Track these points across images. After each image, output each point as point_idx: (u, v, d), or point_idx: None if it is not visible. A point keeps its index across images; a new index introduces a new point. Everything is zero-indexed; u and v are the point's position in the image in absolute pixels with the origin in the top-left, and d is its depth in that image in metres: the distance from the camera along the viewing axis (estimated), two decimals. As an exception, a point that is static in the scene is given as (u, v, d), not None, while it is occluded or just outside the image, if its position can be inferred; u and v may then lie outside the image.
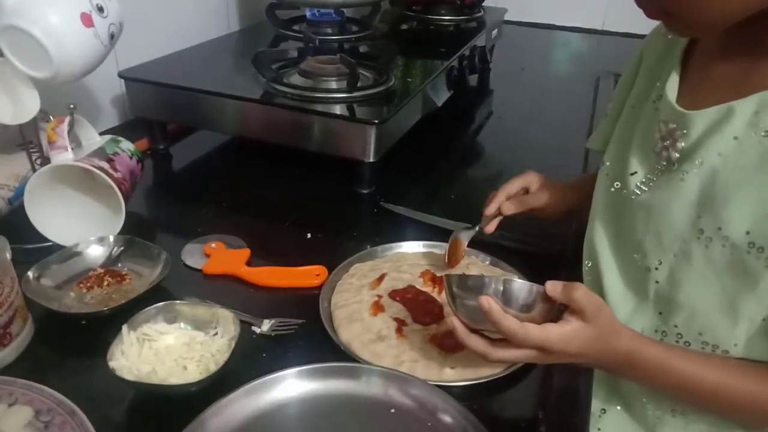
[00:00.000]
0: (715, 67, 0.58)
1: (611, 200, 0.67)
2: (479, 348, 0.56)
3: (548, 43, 1.93)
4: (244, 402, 0.54)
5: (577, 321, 0.53)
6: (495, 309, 0.52)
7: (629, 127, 0.66)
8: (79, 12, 0.72)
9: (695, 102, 0.57)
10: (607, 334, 0.54)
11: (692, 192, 0.56)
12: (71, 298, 0.70)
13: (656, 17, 0.53)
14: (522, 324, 0.52)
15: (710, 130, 0.55)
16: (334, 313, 0.69)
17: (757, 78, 0.53)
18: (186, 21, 1.25)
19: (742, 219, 0.53)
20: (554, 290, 0.53)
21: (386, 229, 0.88)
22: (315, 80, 1.02)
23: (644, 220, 0.61)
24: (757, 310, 0.54)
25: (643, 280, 0.62)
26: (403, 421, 0.55)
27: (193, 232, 0.84)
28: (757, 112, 0.52)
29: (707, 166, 0.55)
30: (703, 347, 0.59)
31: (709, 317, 0.58)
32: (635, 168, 0.63)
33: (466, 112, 1.37)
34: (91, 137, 0.85)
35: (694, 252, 0.57)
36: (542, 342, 0.53)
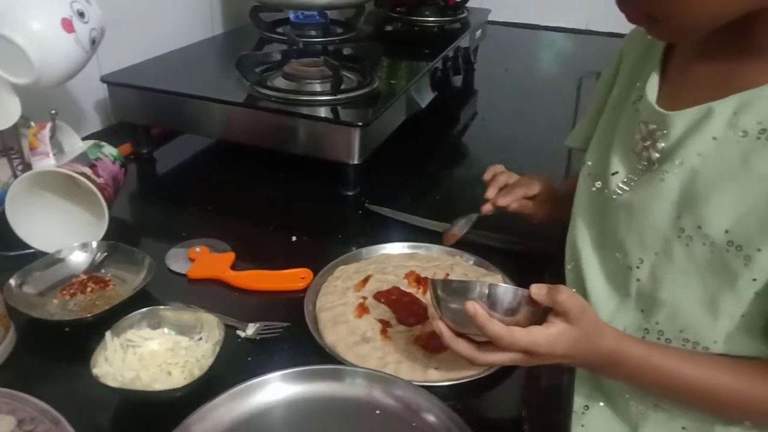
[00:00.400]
0: (695, 68, 0.58)
1: (593, 200, 0.68)
2: (466, 352, 0.56)
3: (532, 43, 1.94)
4: (229, 406, 0.54)
5: (561, 323, 0.54)
6: (480, 314, 0.53)
7: (610, 128, 0.67)
8: (59, 18, 0.72)
9: (675, 103, 0.58)
10: (590, 334, 0.55)
11: (672, 192, 0.57)
12: (54, 305, 0.69)
13: (638, 22, 0.54)
14: (508, 328, 0.53)
15: (690, 130, 0.56)
16: (319, 316, 0.69)
17: (736, 79, 0.54)
18: (169, 24, 1.24)
19: (721, 218, 0.54)
20: (539, 293, 0.54)
21: (371, 230, 0.89)
22: (299, 83, 1.02)
23: (626, 220, 0.62)
24: (737, 306, 0.55)
25: (625, 279, 0.63)
26: (388, 422, 0.56)
27: (177, 236, 0.83)
28: (735, 113, 0.53)
29: (687, 166, 0.56)
30: (684, 344, 0.59)
31: (690, 314, 0.58)
32: (616, 168, 0.64)
33: (450, 113, 1.38)
34: (73, 143, 0.84)
35: (675, 250, 0.57)
36: (528, 345, 0.53)
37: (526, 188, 0.80)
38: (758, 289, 0.53)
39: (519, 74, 1.66)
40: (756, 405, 0.57)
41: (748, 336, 0.57)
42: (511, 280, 0.75)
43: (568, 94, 1.42)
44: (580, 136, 0.78)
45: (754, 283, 0.53)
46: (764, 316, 0.55)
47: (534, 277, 0.77)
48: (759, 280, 0.53)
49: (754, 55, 0.53)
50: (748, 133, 0.52)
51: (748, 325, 0.56)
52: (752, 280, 0.53)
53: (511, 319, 0.54)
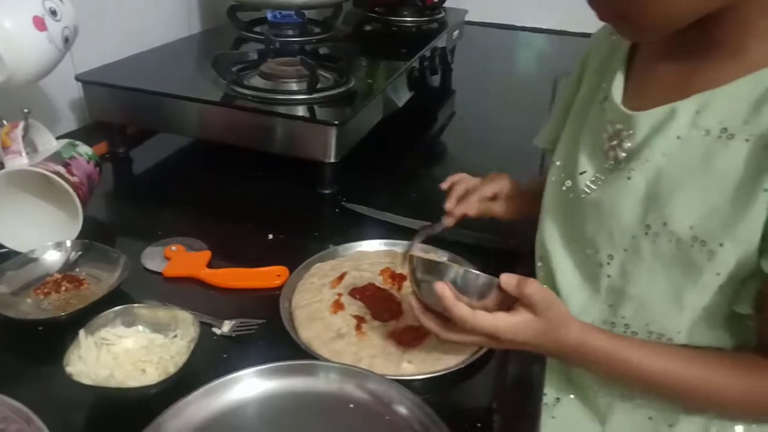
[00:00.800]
0: (658, 68, 0.60)
1: (562, 198, 0.69)
2: (432, 327, 0.59)
3: (508, 43, 1.96)
4: (203, 402, 0.55)
5: (527, 313, 0.55)
6: (448, 296, 0.55)
7: (578, 127, 0.68)
8: (31, 15, 0.71)
9: (640, 103, 0.59)
10: (556, 326, 0.56)
11: (639, 190, 0.58)
12: (28, 304, 0.69)
13: (608, 20, 0.55)
14: (473, 312, 0.55)
15: (655, 130, 0.57)
16: (295, 313, 0.70)
17: (698, 78, 0.55)
18: (145, 23, 1.24)
19: (685, 215, 0.55)
20: (508, 283, 0.56)
21: (348, 228, 0.89)
22: (275, 82, 1.03)
23: (594, 218, 0.63)
24: (700, 299, 0.57)
25: (596, 275, 0.64)
26: (361, 415, 0.56)
27: (153, 235, 0.83)
28: (698, 112, 0.54)
29: (653, 165, 0.57)
30: (649, 336, 0.61)
31: (656, 308, 0.60)
32: (584, 167, 0.65)
33: (428, 113, 1.39)
34: (47, 142, 0.84)
35: (642, 247, 0.59)
36: (491, 330, 0.55)
37: (480, 192, 0.81)
38: (721, 282, 0.55)
39: (496, 74, 1.68)
40: (721, 394, 0.58)
41: (710, 327, 0.59)
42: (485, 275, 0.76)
43: (543, 94, 1.43)
44: (548, 136, 0.79)
45: (718, 277, 0.55)
46: (726, 307, 0.57)
47: (506, 271, 0.79)
48: (722, 273, 0.54)
49: (714, 55, 0.55)
50: (710, 132, 0.54)
51: (710, 317, 0.58)
52: (716, 274, 0.55)
53: (479, 303, 0.56)
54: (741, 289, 0.56)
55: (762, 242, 0.52)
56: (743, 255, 0.53)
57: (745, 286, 0.56)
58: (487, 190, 0.82)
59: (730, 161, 0.53)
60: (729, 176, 0.53)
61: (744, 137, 0.52)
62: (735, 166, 0.52)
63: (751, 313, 0.56)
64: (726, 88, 0.53)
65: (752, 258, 0.53)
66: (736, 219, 0.52)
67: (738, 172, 0.52)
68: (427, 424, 0.54)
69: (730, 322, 0.59)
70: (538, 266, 0.72)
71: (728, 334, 0.60)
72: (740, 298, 0.56)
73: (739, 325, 0.59)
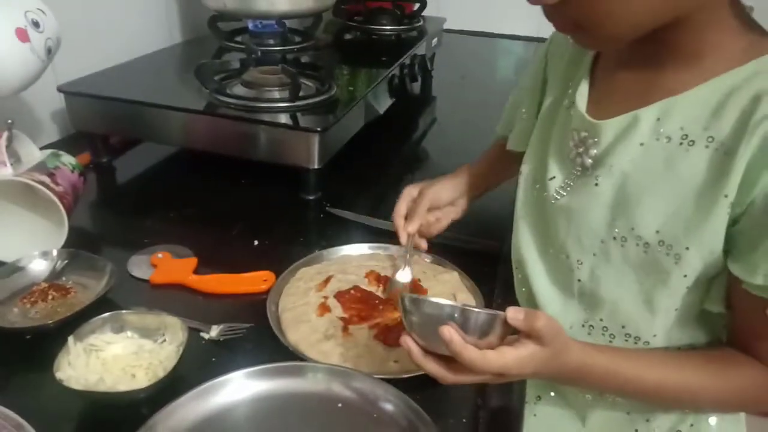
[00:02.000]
0: (620, 76, 0.61)
1: (533, 202, 0.70)
2: (436, 372, 0.55)
3: (487, 50, 2.00)
4: (193, 405, 0.56)
5: (532, 345, 0.52)
6: (456, 340, 0.51)
7: (545, 133, 0.69)
8: (13, 27, 0.72)
9: (604, 110, 0.61)
10: (558, 352, 0.54)
11: (606, 196, 0.60)
12: (15, 313, 0.69)
13: (566, 31, 0.56)
14: (482, 354, 0.51)
15: (619, 137, 0.58)
16: (282, 316, 0.71)
17: (658, 86, 0.57)
18: (126, 34, 1.24)
19: (652, 219, 0.57)
20: (515, 318, 0.52)
21: (332, 233, 0.91)
22: (258, 90, 1.04)
23: (565, 223, 0.64)
24: (671, 302, 0.59)
25: (568, 279, 0.65)
26: (349, 414, 0.58)
27: (139, 243, 0.84)
28: (659, 119, 0.56)
29: (618, 171, 0.59)
30: (627, 339, 0.63)
31: (630, 311, 0.62)
32: (554, 173, 0.66)
33: (410, 119, 1.41)
34: (30, 152, 0.84)
35: (611, 251, 0.60)
36: (500, 368, 0.52)
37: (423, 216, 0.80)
38: (689, 284, 0.57)
39: (475, 81, 1.71)
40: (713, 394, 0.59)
41: (684, 327, 0.61)
42: (467, 276, 0.78)
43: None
44: (520, 139, 0.78)
45: (685, 279, 0.57)
46: (697, 307, 0.59)
47: (487, 272, 0.81)
48: (689, 276, 0.56)
49: (672, 63, 0.56)
50: (671, 138, 0.55)
51: (682, 318, 0.60)
52: (683, 277, 0.56)
53: (484, 342, 0.52)
54: (710, 289, 0.58)
55: (726, 244, 0.54)
56: (708, 258, 0.55)
57: (713, 285, 0.58)
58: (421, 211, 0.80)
59: (691, 167, 0.54)
60: (691, 181, 0.54)
61: (704, 143, 0.53)
62: (696, 172, 0.54)
63: (722, 311, 0.58)
64: (685, 96, 0.55)
65: (718, 260, 0.54)
66: (700, 223, 0.54)
67: (700, 177, 0.54)
68: (414, 421, 0.56)
69: (702, 320, 0.61)
70: (515, 270, 0.74)
71: (701, 331, 0.62)
72: (710, 297, 0.58)
73: (711, 322, 0.61)
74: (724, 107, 0.53)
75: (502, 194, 0.88)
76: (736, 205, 0.51)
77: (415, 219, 0.79)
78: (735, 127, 0.52)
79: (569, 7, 0.51)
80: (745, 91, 0.52)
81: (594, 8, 0.50)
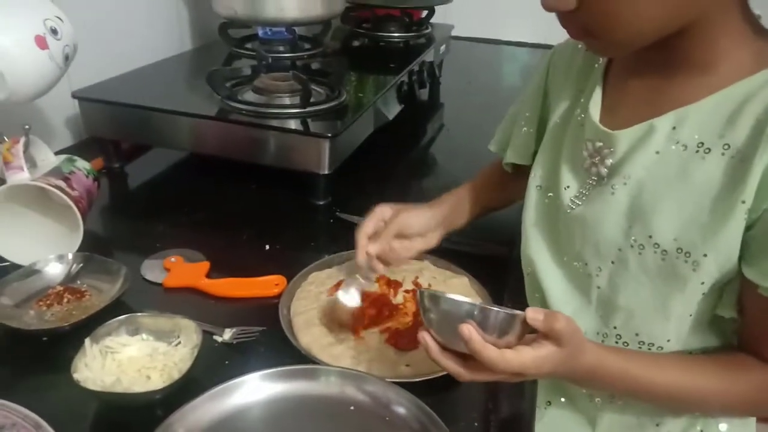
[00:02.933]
0: (632, 85, 0.62)
1: (545, 211, 0.71)
2: (453, 369, 0.55)
3: (494, 57, 2.00)
4: (210, 406, 0.57)
5: (551, 345, 0.53)
6: (476, 339, 0.51)
7: (557, 142, 0.70)
8: (33, 35, 0.73)
9: (617, 119, 0.61)
10: (575, 353, 0.54)
11: (622, 204, 0.60)
12: (31, 316, 0.70)
13: (578, 37, 0.57)
14: (501, 353, 0.51)
15: (634, 146, 0.59)
16: (294, 320, 0.72)
17: (671, 94, 0.58)
18: (138, 41, 1.26)
19: (669, 226, 0.57)
20: (535, 318, 0.52)
21: (342, 238, 0.91)
22: (269, 97, 1.05)
23: (581, 232, 0.65)
24: (686, 308, 0.59)
25: (586, 286, 0.66)
26: (361, 417, 0.58)
27: (151, 247, 0.85)
28: (674, 128, 0.57)
29: (634, 180, 0.59)
30: (640, 346, 0.63)
31: (645, 318, 0.62)
32: (568, 183, 0.66)
33: (418, 125, 1.42)
34: (46, 157, 0.86)
35: (629, 259, 0.61)
36: (519, 368, 0.52)
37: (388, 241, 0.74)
38: (705, 290, 0.57)
39: (482, 87, 1.72)
40: (725, 398, 0.60)
41: (696, 333, 0.61)
42: (477, 281, 0.79)
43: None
44: (524, 152, 0.78)
45: (702, 286, 0.57)
46: (710, 313, 0.60)
47: (498, 278, 0.81)
48: (706, 282, 0.57)
49: (684, 71, 0.57)
50: (687, 146, 0.56)
51: (696, 323, 0.61)
52: (700, 283, 0.57)
53: (503, 341, 0.53)
54: (723, 294, 0.58)
55: (742, 250, 0.54)
56: (725, 264, 0.55)
57: (726, 290, 0.58)
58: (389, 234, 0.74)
59: (707, 174, 0.55)
60: (707, 189, 0.55)
61: (720, 151, 0.54)
62: (713, 179, 0.55)
63: (734, 316, 0.59)
64: (700, 104, 0.55)
65: (733, 266, 0.55)
66: (717, 230, 0.54)
67: (716, 184, 0.54)
68: (426, 424, 0.56)
69: (714, 325, 0.61)
70: (526, 277, 0.74)
71: (713, 336, 0.62)
72: (723, 302, 0.59)
73: (722, 327, 0.62)
74: (738, 115, 0.54)
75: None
76: (753, 210, 0.52)
77: (379, 242, 0.73)
78: (750, 135, 0.53)
79: (582, 13, 0.52)
80: (759, 98, 0.53)
81: (606, 15, 0.51)
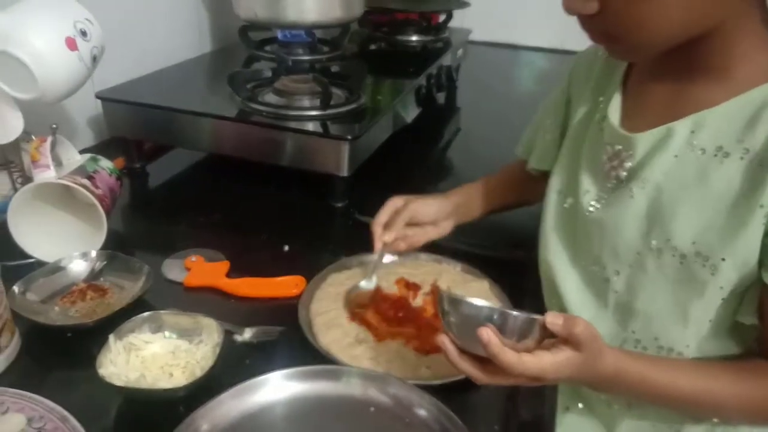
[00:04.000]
0: (652, 90, 0.62)
1: (564, 215, 0.71)
2: (471, 372, 0.55)
3: (511, 62, 2.00)
4: (232, 403, 0.57)
5: (570, 350, 0.52)
6: (494, 343, 0.51)
7: (577, 147, 0.70)
8: (64, 36, 0.75)
9: (636, 123, 0.62)
10: (594, 358, 0.54)
11: (641, 207, 0.61)
12: (56, 312, 0.71)
13: (599, 41, 0.57)
14: (519, 357, 0.51)
15: (653, 149, 0.59)
16: (314, 320, 0.72)
17: (690, 98, 0.58)
18: (160, 43, 1.27)
19: (687, 231, 0.57)
20: (554, 324, 0.52)
21: (360, 240, 0.91)
22: (289, 99, 1.06)
23: (599, 236, 0.65)
24: (705, 313, 0.59)
25: (603, 290, 0.66)
26: (382, 418, 0.59)
27: (172, 247, 0.86)
28: (693, 132, 0.57)
29: (653, 183, 0.60)
30: (659, 351, 0.63)
31: (664, 322, 0.62)
32: (587, 187, 0.67)
33: (434, 129, 1.42)
34: (71, 156, 0.87)
35: (647, 263, 0.61)
36: (537, 372, 0.52)
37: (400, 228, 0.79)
38: (725, 295, 0.57)
39: (498, 92, 1.72)
40: (746, 405, 0.59)
41: (716, 338, 0.61)
42: (496, 285, 0.79)
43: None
44: (545, 158, 0.79)
45: (721, 291, 0.57)
46: (730, 318, 0.59)
47: (517, 282, 0.81)
48: (725, 287, 0.57)
49: (703, 76, 0.57)
50: (706, 150, 0.56)
51: (716, 329, 0.60)
52: (719, 288, 0.57)
53: (521, 345, 0.53)
54: (743, 300, 0.58)
55: (761, 254, 0.54)
56: (744, 268, 0.55)
57: (747, 296, 0.58)
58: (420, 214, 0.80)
59: (726, 178, 0.55)
60: (726, 192, 0.55)
61: (739, 155, 0.54)
62: (731, 183, 0.55)
63: (755, 323, 0.58)
64: (718, 109, 0.56)
65: (752, 271, 0.55)
66: (736, 234, 0.54)
67: (735, 188, 0.55)
68: (448, 427, 0.56)
69: (735, 331, 0.61)
70: (544, 281, 0.74)
71: (733, 342, 0.62)
72: (743, 308, 0.58)
73: (743, 334, 0.61)
74: (758, 119, 0.54)
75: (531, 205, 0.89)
76: None
77: (392, 229, 0.78)
78: None
79: (604, 17, 0.52)
80: None
81: (627, 19, 0.52)
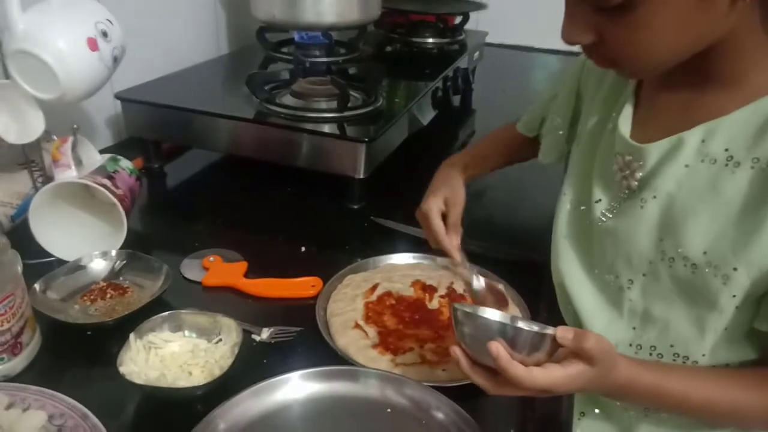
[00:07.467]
0: (662, 99, 0.62)
1: (577, 223, 0.71)
2: (482, 383, 0.55)
3: (526, 64, 2.00)
4: (251, 402, 0.58)
5: (581, 364, 0.52)
6: (503, 356, 0.51)
7: (589, 156, 0.70)
8: (85, 37, 0.75)
9: (647, 133, 0.61)
10: (608, 370, 0.54)
11: (653, 217, 0.60)
12: (76, 310, 0.72)
13: (604, 65, 0.58)
14: (528, 371, 0.52)
15: (664, 159, 0.59)
16: (330, 321, 0.72)
17: (700, 108, 0.58)
18: (178, 44, 1.28)
19: (699, 240, 0.57)
20: (564, 338, 0.52)
21: (377, 242, 0.92)
22: (306, 100, 1.07)
23: (612, 245, 0.65)
24: (720, 321, 0.59)
25: (618, 299, 0.65)
26: (399, 420, 0.59)
27: (190, 247, 0.86)
28: (704, 141, 0.57)
29: (664, 193, 0.59)
30: (675, 359, 0.62)
31: (679, 331, 0.61)
32: (599, 196, 0.66)
33: (449, 131, 1.42)
34: (91, 156, 0.88)
35: (660, 272, 0.60)
36: (546, 386, 0.52)
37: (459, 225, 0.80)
38: (738, 303, 0.57)
39: (515, 94, 1.71)
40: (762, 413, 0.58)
41: (732, 346, 0.60)
42: (512, 288, 0.79)
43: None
44: (553, 153, 0.82)
45: (734, 299, 0.56)
46: (746, 326, 0.59)
47: (533, 286, 0.81)
48: (738, 296, 0.56)
49: (714, 85, 0.57)
50: (716, 159, 0.56)
51: (731, 337, 0.60)
52: (732, 297, 0.56)
53: (532, 359, 0.53)
54: (759, 307, 0.57)
55: None
56: (757, 277, 0.54)
57: (762, 303, 0.57)
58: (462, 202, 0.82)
59: (737, 187, 0.55)
60: (737, 202, 0.55)
61: (749, 164, 0.54)
62: (742, 192, 0.54)
63: None
64: (729, 117, 0.55)
65: (766, 278, 0.54)
66: (747, 243, 0.54)
67: (746, 197, 0.54)
68: (464, 429, 0.56)
69: (751, 339, 0.60)
70: (558, 289, 0.74)
71: (750, 350, 0.61)
72: (759, 315, 0.58)
73: (760, 341, 0.61)
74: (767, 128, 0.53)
75: (543, 208, 0.88)
76: None
77: (453, 233, 0.78)
78: None
79: (603, 46, 0.54)
80: None
81: (626, 47, 0.53)
